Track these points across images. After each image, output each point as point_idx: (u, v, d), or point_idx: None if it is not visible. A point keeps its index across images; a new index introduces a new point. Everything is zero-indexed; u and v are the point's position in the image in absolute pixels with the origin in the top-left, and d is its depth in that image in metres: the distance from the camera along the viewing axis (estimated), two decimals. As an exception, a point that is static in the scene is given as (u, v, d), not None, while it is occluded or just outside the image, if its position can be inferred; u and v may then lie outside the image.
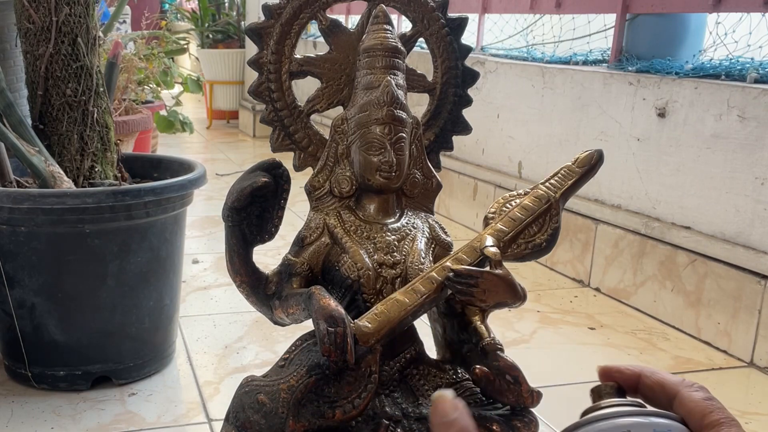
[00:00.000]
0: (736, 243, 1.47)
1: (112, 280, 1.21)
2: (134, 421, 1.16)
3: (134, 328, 1.26)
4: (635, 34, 1.86)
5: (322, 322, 0.60)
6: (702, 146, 1.54)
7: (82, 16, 1.29)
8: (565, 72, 1.95)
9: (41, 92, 1.30)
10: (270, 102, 0.75)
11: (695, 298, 1.55)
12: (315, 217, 0.72)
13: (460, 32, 0.78)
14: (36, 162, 1.22)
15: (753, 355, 1.43)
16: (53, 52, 1.28)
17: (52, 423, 1.15)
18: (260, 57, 0.75)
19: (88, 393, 1.24)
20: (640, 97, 1.69)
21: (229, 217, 0.67)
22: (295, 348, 0.69)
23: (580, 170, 0.70)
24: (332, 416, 0.64)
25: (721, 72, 1.57)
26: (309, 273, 0.70)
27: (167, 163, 1.45)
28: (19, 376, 1.26)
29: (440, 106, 0.79)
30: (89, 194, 1.14)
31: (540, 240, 0.69)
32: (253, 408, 0.64)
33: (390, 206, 0.72)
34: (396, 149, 0.69)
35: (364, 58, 0.72)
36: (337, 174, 0.72)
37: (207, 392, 1.26)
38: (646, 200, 1.70)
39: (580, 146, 1.88)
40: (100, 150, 1.34)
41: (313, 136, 0.76)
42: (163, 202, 1.22)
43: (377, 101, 0.69)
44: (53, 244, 1.18)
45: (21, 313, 1.20)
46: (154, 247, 1.24)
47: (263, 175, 0.66)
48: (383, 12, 0.73)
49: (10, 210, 1.14)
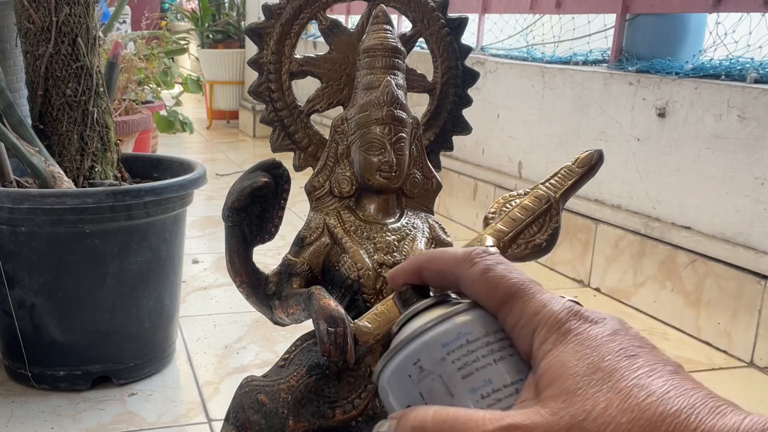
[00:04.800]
0: (736, 243, 1.47)
1: (112, 280, 1.21)
2: (134, 421, 1.16)
3: (134, 328, 1.26)
4: (635, 34, 1.86)
5: (322, 322, 0.60)
6: (702, 146, 1.54)
7: (82, 16, 1.29)
8: (565, 72, 1.95)
9: (41, 92, 1.30)
10: (270, 102, 0.75)
11: (695, 298, 1.55)
12: (315, 217, 0.72)
13: (460, 32, 0.78)
14: (36, 162, 1.22)
15: (753, 355, 1.43)
16: (53, 52, 1.28)
17: (52, 423, 1.15)
18: (260, 57, 0.75)
19: (88, 393, 1.24)
20: (640, 97, 1.69)
21: (229, 217, 0.67)
22: (295, 348, 0.69)
23: (580, 170, 0.70)
24: (332, 416, 0.64)
25: (721, 72, 1.57)
26: (309, 273, 0.70)
27: (167, 163, 1.45)
28: (19, 376, 1.26)
29: (440, 106, 0.79)
30: (89, 194, 1.14)
31: (540, 240, 0.69)
32: (253, 408, 0.64)
33: (390, 206, 0.72)
34: (396, 149, 0.69)
35: (364, 58, 0.72)
36: (337, 174, 0.72)
37: (207, 392, 1.26)
38: (646, 200, 1.70)
39: (580, 146, 1.88)
40: (100, 150, 1.34)
41: (313, 136, 0.76)
42: (163, 202, 1.22)
43: (377, 101, 0.69)
44: (53, 244, 1.18)
45: (21, 313, 1.20)
46: (154, 247, 1.24)
47: (263, 175, 0.66)
48: (383, 12, 0.73)
49: (10, 210, 1.14)
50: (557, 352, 0.29)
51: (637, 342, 0.29)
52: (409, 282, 0.36)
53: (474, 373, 0.31)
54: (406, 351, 0.33)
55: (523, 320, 0.31)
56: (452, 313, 0.33)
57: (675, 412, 0.26)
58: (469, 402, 0.31)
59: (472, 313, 0.33)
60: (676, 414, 0.26)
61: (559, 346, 0.29)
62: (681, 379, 0.28)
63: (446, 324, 0.33)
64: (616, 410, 0.26)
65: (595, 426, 0.26)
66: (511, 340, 0.32)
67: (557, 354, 0.29)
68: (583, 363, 0.28)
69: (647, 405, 0.26)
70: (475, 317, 0.33)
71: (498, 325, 0.33)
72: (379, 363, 0.35)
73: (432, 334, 0.33)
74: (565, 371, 0.28)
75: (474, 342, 0.32)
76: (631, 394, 0.27)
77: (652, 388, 0.27)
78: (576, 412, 0.27)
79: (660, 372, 0.28)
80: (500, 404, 0.31)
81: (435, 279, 0.35)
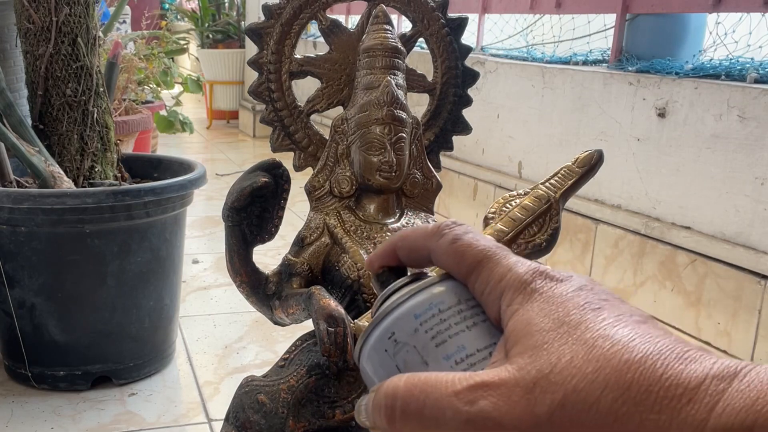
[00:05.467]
0: (736, 243, 1.47)
1: (112, 280, 1.21)
2: (134, 421, 1.16)
3: (134, 328, 1.26)
4: (635, 34, 1.86)
5: (322, 322, 0.60)
6: (702, 146, 1.54)
7: (82, 16, 1.29)
8: (565, 72, 1.95)
9: (41, 92, 1.30)
10: (270, 102, 0.75)
11: (695, 298, 1.55)
12: (315, 217, 0.72)
13: (460, 32, 0.78)
14: (36, 162, 1.22)
15: (753, 355, 1.43)
16: (53, 52, 1.28)
17: (52, 423, 1.15)
18: (260, 57, 0.75)
19: (88, 393, 1.24)
20: (640, 97, 1.69)
21: (229, 217, 0.67)
22: (295, 348, 0.69)
23: (580, 170, 0.70)
24: (332, 416, 0.64)
25: (721, 72, 1.57)
26: (309, 273, 0.70)
27: (167, 163, 1.45)
28: (19, 376, 1.26)
29: (440, 106, 0.79)
30: (89, 194, 1.14)
31: (540, 240, 0.69)
32: (253, 408, 0.64)
33: (390, 206, 0.72)
34: (396, 149, 0.69)
35: (364, 58, 0.72)
36: (337, 174, 0.72)
37: (207, 392, 1.26)
38: (646, 200, 1.70)
39: (580, 146, 1.88)
40: (100, 150, 1.34)
41: (313, 136, 0.76)
42: (163, 202, 1.22)
43: (377, 101, 0.69)
44: (53, 244, 1.18)
45: (21, 313, 1.20)
46: (154, 247, 1.24)
47: (263, 175, 0.66)
48: (383, 12, 0.73)
49: (10, 210, 1.14)
50: (523, 311, 0.29)
51: (603, 296, 0.29)
52: (384, 264, 0.37)
53: (447, 341, 0.32)
54: (381, 327, 0.34)
55: (491, 285, 0.31)
56: (423, 285, 0.34)
57: (640, 359, 0.26)
58: (443, 369, 0.31)
59: (444, 284, 0.34)
60: (642, 361, 0.26)
61: (525, 305, 0.29)
62: (647, 328, 0.28)
63: (418, 296, 0.33)
64: (582, 361, 0.26)
65: (561, 378, 0.26)
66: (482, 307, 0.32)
67: (523, 313, 0.29)
68: (549, 319, 0.28)
69: (612, 354, 0.26)
70: (447, 287, 0.33)
71: (469, 294, 0.33)
72: (357, 343, 0.35)
73: (404, 307, 0.33)
74: (530, 328, 0.28)
75: (446, 311, 0.33)
76: (596, 344, 0.27)
77: (617, 338, 0.27)
78: (542, 366, 0.27)
79: (626, 322, 0.28)
80: (473, 368, 0.31)
81: (409, 256, 0.36)
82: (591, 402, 0.26)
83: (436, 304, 0.33)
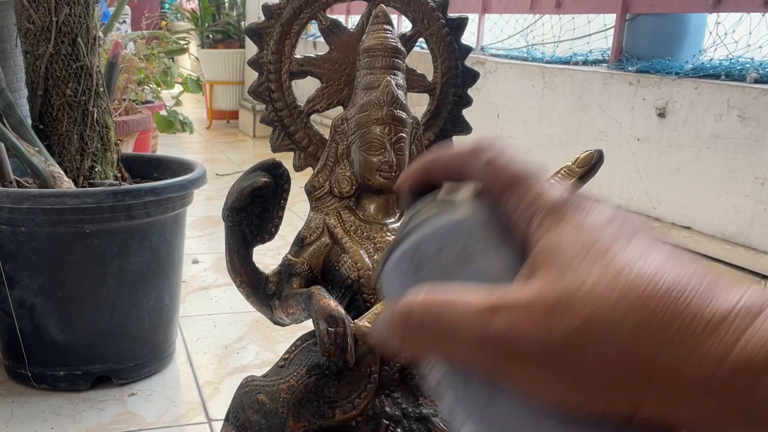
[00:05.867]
0: (736, 243, 1.47)
1: (112, 280, 1.21)
2: (134, 421, 1.16)
3: (134, 328, 1.26)
4: (635, 34, 1.86)
5: (322, 322, 0.60)
6: (702, 146, 1.54)
7: (82, 16, 1.29)
8: (565, 72, 1.95)
9: (41, 92, 1.30)
10: (270, 102, 0.75)
11: (695, 298, 1.55)
12: (315, 217, 0.72)
13: (460, 32, 0.78)
14: (36, 162, 1.22)
15: (753, 355, 1.43)
16: (53, 52, 1.28)
17: (52, 423, 1.15)
18: (260, 57, 0.75)
19: (88, 393, 1.24)
20: (640, 97, 1.69)
21: (229, 217, 0.67)
22: (295, 348, 0.69)
23: (580, 170, 0.70)
24: (332, 416, 0.64)
25: (721, 72, 1.57)
26: (309, 273, 0.70)
27: (167, 163, 1.45)
28: (19, 376, 1.26)
29: (440, 106, 0.79)
30: (89, 194, 1.14)
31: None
32: (253, 408, 0.64)
33: (390, 206, 0.72)
34: (396, 149, 0.69)
35: (364, 58, 0.72)
36: (337, 174, 0.72)
37: (207, 392, 1.26)
38: (646, 200, 1.70)
39: (580, 146, 1.88)
40: (100, 150, 1.34)
41: (313, 136, 0.76)
42: (163, 202, 1.22)
43: (377, 101, 0.69)
44: (53, 244, 1.18)
45: (21, 313, 1.20)
46: (154, 247, 1.24)
47: (263, 175, 0.66)
48: (383, 12, 0.73)
49: (10, 210, 1.14)
50: (552, 234, 0.29)
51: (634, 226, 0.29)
52: (417, 182, 0.35)
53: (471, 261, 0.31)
54: (402, 247, 0.32)
55: (524, 204, 0.30)
56: (452, 203, 0.32)
57: (665, 292, 0.25)
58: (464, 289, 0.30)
59: (471, 205, 0.32)
60: (666, 293, 0.25)
61: (554, 229, 0.29)
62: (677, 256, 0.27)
63: (443, 217, 0.32)
64: (605, 287, 0.26)
65: (582, 302, 0.26)
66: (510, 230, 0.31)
67: (551, 236, 0.29)
68: (576, 244, 0.28)
69: (637, 284, 0.26)
70: (474, 208, 0.32)
71: (498, 215, 0.32)
72: (378, 266, 0.34)
73: (429, 227, 0.32)
74: (557, 251, 0.28)
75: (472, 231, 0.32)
76: (622, 273, 0.26)
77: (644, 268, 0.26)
78: (564, 288, 0.27)
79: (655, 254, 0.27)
80: None
81: (442, 176, 0.35)
82: (609, 329, 0.25)
83: (461, 224, 0.32)
